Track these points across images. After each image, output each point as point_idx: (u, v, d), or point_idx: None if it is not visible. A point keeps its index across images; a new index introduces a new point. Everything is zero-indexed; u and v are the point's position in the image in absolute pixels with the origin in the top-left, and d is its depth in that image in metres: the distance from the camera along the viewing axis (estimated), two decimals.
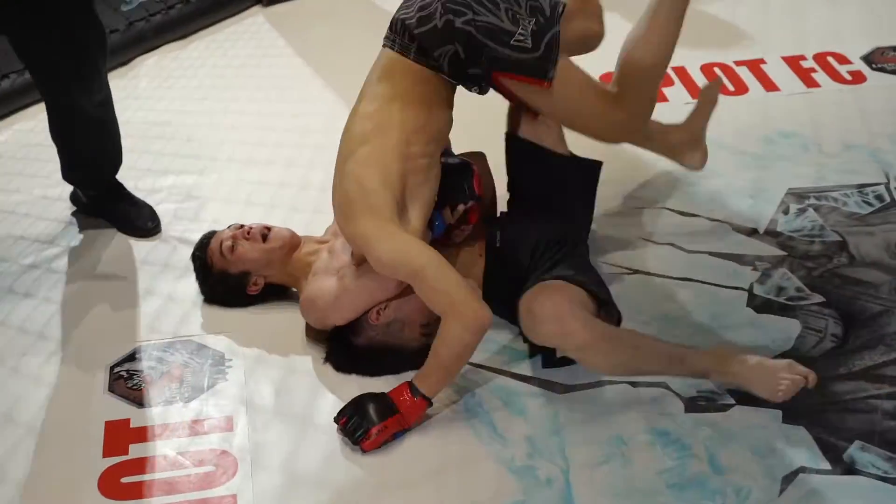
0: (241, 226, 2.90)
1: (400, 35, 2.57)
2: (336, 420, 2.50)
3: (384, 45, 2.63)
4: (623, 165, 3.34)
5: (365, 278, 2.63)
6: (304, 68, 4.48)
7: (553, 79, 2.56)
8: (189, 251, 3.07)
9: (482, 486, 2.36)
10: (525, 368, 2.68)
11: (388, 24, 2.62)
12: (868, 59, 4.09)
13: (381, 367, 2.67)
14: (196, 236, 3.09)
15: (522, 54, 2.53)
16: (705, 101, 3.11)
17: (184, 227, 3.40)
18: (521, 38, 2.51)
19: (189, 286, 3.07)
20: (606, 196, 3.17)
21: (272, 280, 2.92)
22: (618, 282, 2.95)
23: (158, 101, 4.35)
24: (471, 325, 2.42)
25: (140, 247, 3.33)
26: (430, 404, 2.49)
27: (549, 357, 2.64)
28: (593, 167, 2.97)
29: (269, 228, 2.90)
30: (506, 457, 2.41)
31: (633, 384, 2.58)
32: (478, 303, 2.46)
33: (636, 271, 3.01)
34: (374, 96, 2.58)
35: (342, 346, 2.71)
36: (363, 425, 2.43)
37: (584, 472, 2.36)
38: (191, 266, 3.02)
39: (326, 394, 2.65)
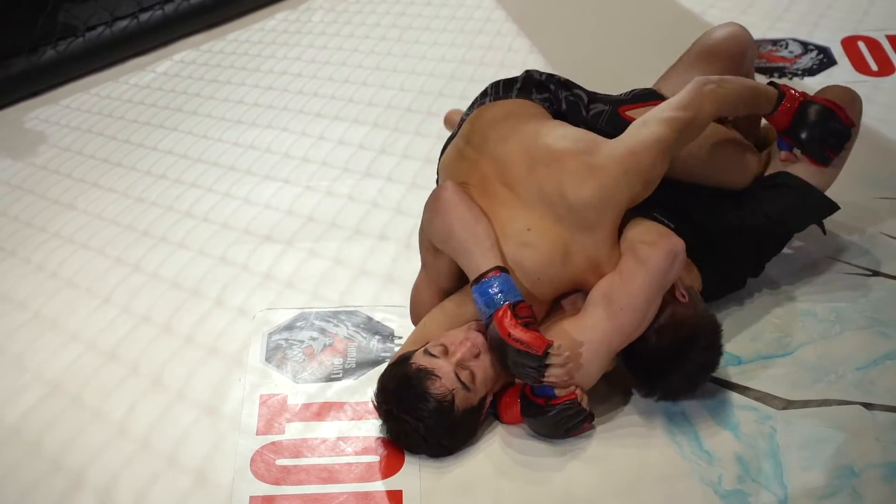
0: (445, 348, 2.39)
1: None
2: None
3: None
4: (866, 150, 3.17)
5: (641, 273, 2.42)
6: (498, 10, 4.40)
7: None
8: (361, 209, 3.07)
9: None
10: (739, 376, 2.58)
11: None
12: None
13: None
14: (368, 191, 3.07)
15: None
16: None
17: (354, 181, 3.40)
18: None
19: (357, 250, 3.06)
20: (845, 184, 3.01)
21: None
22: (855, 286, 2.83)
23: (331, 38, 4.38)
24: None
25: (304, 201, 3.33)
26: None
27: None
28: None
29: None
30: (712, 477, 2.33)
31: (868, 406, 2.47)
32: None
33: (876, 273, 2.88)
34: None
35: (641, 362, 2.49)
36: None
37: (806, 503, 2.26)
38: (360, 229, 3.00)
39: None
